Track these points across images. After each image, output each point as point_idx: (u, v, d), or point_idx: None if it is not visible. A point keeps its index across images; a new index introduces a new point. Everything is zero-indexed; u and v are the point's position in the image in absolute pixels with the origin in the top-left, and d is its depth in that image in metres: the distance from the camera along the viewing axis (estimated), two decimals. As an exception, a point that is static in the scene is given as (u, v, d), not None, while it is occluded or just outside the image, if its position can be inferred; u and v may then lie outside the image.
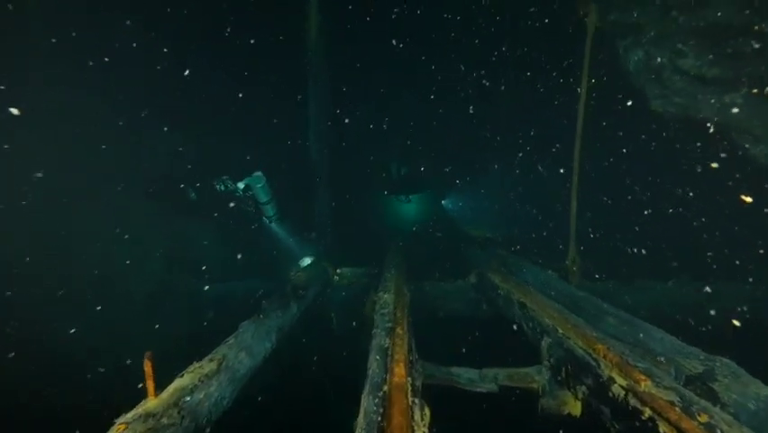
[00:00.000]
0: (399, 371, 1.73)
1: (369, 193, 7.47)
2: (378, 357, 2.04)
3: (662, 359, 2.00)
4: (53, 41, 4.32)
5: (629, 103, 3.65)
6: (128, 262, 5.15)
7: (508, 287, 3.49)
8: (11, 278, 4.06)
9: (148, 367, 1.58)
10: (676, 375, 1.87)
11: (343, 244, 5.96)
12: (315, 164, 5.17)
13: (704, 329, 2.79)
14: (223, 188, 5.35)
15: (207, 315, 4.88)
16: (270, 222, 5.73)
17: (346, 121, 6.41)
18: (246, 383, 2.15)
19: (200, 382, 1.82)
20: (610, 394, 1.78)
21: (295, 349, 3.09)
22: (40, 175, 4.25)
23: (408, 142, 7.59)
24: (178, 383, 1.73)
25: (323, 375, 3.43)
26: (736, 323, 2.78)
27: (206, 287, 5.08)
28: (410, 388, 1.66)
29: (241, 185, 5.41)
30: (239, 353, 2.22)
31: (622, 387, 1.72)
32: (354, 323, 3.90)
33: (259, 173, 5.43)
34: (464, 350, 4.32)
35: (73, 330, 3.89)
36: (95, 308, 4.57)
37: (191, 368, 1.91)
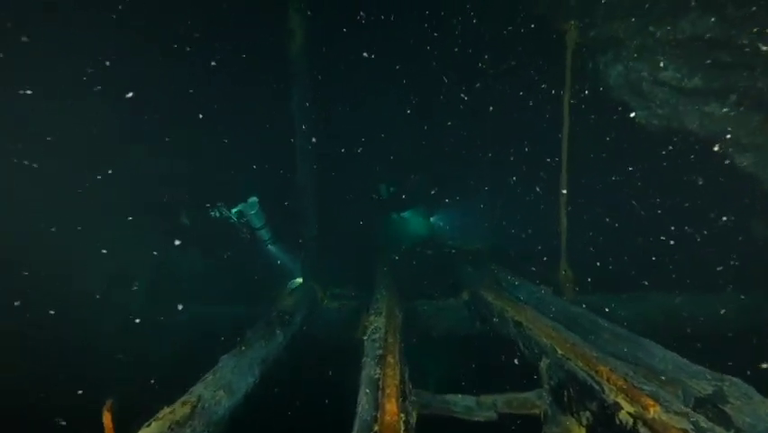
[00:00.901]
0: (391, 408, 1.59)
1: (358, 212, 7.36)
2: (367, 391, 1.89)
3: (667, 379, 1.90)
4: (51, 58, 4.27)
5: (613, 117, 3.68)
6: (108, 284, 4.93)
7: (502, 304, 3.39)
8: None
9: (107, 420, 1.40)
10: (684, 398, 1.77)
11: (333, 263, 5.82)
12: (300, 183, 5.06)
13: (700, 343, 2.71)
14: (217, 214, 5.31)
15: (191, 342, 4.63)
16: (267, 246, 5.70)
17: (333, 140, 6.38)
18: (225, 427, 1.96)
19: (170, 430, 1.63)
20: (617, 422, 1.66)
21: (281, 381, 2.89)
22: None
23: (396, 160, 7.58)
24: (144, 434, 1.55)
25: (311, 410, 3.22)
26: None
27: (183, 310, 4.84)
28: (403, 428, 1.51)
29: (235, 210, 5.37)
30: (216, 392, 2.03)
31: (630, 414, 1.60)
32: (345, 348, 3.71)
33: (253, 199, 5.40)
34: (459, 371, 4.17)
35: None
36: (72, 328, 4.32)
37: (161, 414, 1.72)
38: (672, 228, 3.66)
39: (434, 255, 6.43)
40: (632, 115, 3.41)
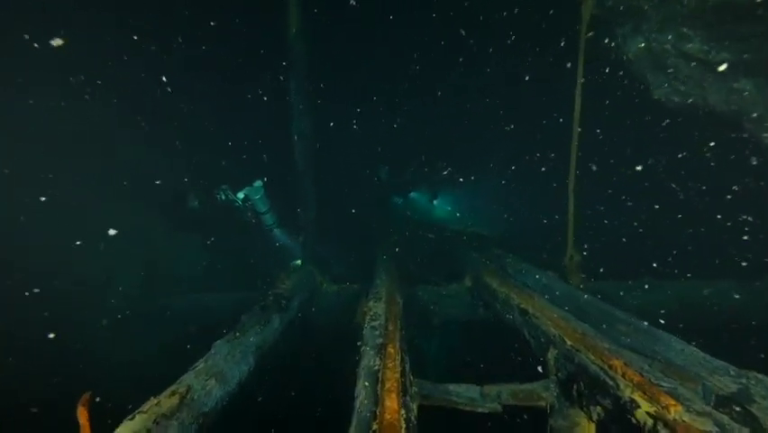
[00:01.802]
0: (391, 404, 1.48)
1: (358, 194, 7.19)
2: (366, 384, 1.79)
3: (686, 375, 1.78)
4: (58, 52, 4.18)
5: (631, 93, 3.45)
6: (108, 269, 4.86)
7: (507, 291, 3.26)
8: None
9: (82, 416, 1.29)
10: (705, 395, 1.65)
11: (333, 246, 5.72)
12: (298, 165, 4.90)
13: (721, 334, 2.59)
14: (223, 197, 5.26)
15: (188, 329, 4.56)
16: (271, 230, 5.66)
17: (330, 120, 6.18)
18: (216, 418, 1.86)
19: (155, 423, 1.53)
20: (634, 421, 1.55)
21: (277, 369, 2.80)
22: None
23: (398, 141, 7.35)
24: (124, 429, 1.45)
25: (308, 398, 3.15)
26: None
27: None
28: (404, 426, 1.40)
29: (240, 195, 5.31)
30: (207, 381, 1.93)
31: (649, 414, 1.48)
32: (344, 334, 3.63)
33: (258, 183, 5.32)
34: (460, 358, 4.10)
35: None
36: (71, 316, 4.27)
37: (146, 406, 1.62)
38: (694, 213, 3.48)
39: (437, 239, 6.30)
40: (651, 91, 3.18)
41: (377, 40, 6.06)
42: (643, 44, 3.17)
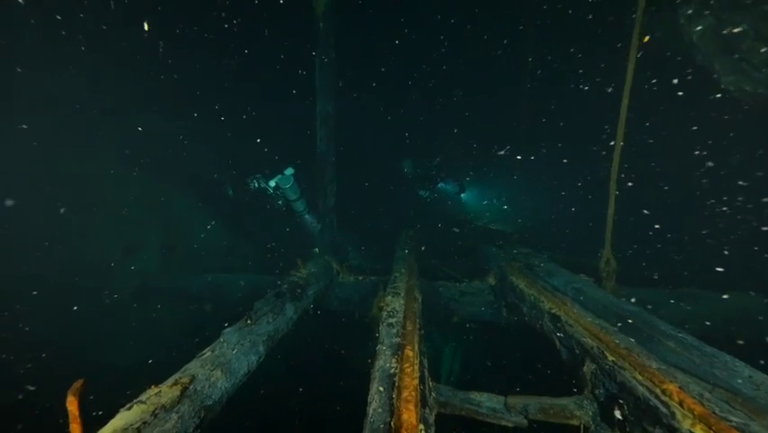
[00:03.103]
0: (409, 418, 1.30)
1: (381, 184, 7.00)
2: (381, 388, 1.62)
3: (758, 408, 1.51)
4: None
5: (692, 81, 3.06)
6: (122, 252, 4.93)
7: (536, 294, 3.02)
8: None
9: (72, 405, 1.18)
10: (782, 435, 1.39)
11: (352, 235, 5.60)
12: (320, 154, 4.75)
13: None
14: (256, 185, 5.34)
15: (204, 309, 4.56)
16: (301, 216, 5.68)
17: (355, 104, 5.98)
18: (219, 412, 1.75)
19: (153, 416, 1.42)
20: (694, 459, 1.32)
21: (287, 360, 2.68)
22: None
23: (423, 134, 7.08)
24: (120, 420, 1.34)
25: (319, 393, 3.03)
26: None
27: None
28: (423, 445, 1.23)
29: (272, 183, 5.35)
30: (213, 371, 1.82)
31: (716, 455, 1.25)
32: (359, 327, 3.49)
33: (289, 172, 5.33)
34: (480, 362, 3.89)
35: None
36: (89, 297, 4.34)
37: (145, 395, 1.51)
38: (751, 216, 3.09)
39: (461, 234, 6.04)
40: (718, 79, 2.79)
41: (408, 19, 5.77)
42: (711, 25, 2.78)
